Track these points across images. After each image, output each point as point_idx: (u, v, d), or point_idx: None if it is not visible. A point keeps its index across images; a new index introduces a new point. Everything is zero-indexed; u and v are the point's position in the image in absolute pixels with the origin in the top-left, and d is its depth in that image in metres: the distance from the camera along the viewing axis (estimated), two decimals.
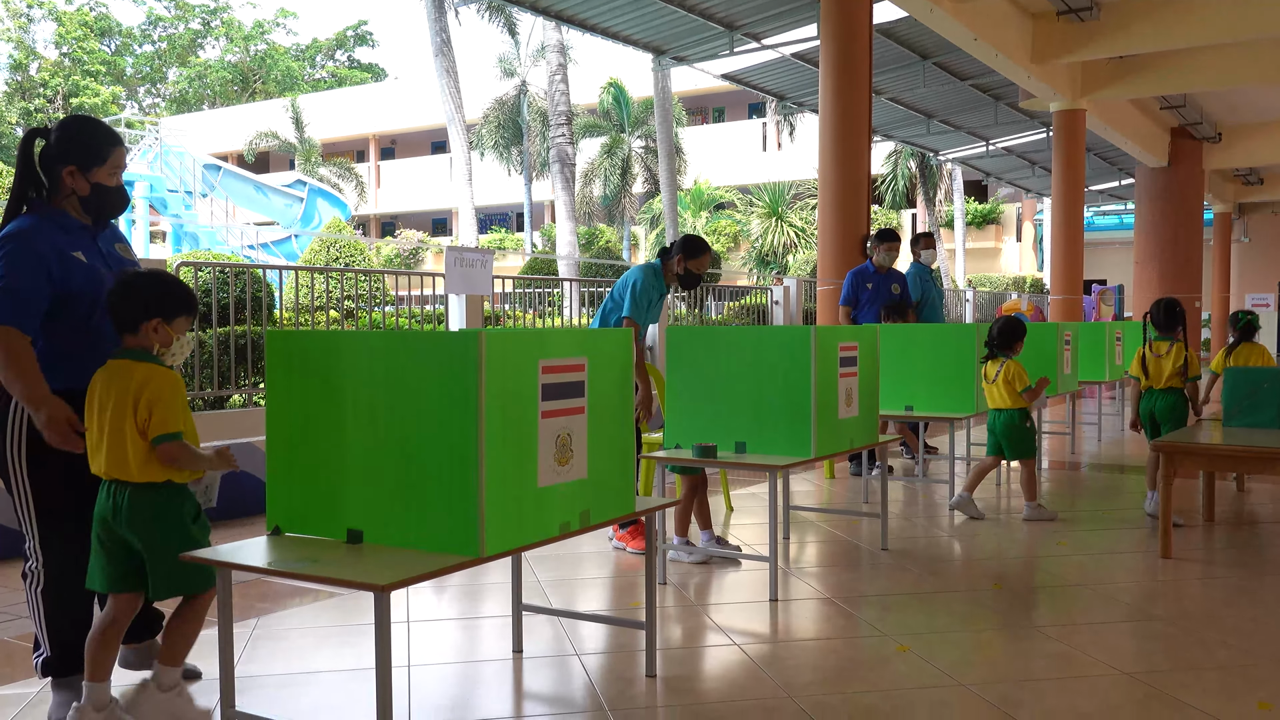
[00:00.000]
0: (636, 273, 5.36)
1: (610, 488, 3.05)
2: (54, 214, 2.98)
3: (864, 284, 7.74)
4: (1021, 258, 34.51)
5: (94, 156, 2.97)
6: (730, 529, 5.76)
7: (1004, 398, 5.93)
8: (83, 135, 2.98)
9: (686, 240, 5.39)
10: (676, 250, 5.37)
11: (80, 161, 2.96)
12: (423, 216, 40.66)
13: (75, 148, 2.96)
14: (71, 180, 2.97)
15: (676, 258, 5.35)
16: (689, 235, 5.45)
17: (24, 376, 2.83)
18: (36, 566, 3.05)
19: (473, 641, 3.80)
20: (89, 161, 2.97)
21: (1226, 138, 19.55)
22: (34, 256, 2.86)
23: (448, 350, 2.56)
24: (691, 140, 32.81)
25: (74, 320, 2.95)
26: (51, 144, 2.98)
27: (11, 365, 2.82)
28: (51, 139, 2.99)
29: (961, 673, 3.41)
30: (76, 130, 2.99)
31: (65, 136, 2.97)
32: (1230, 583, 4.59)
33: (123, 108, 48.59)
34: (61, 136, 2.98)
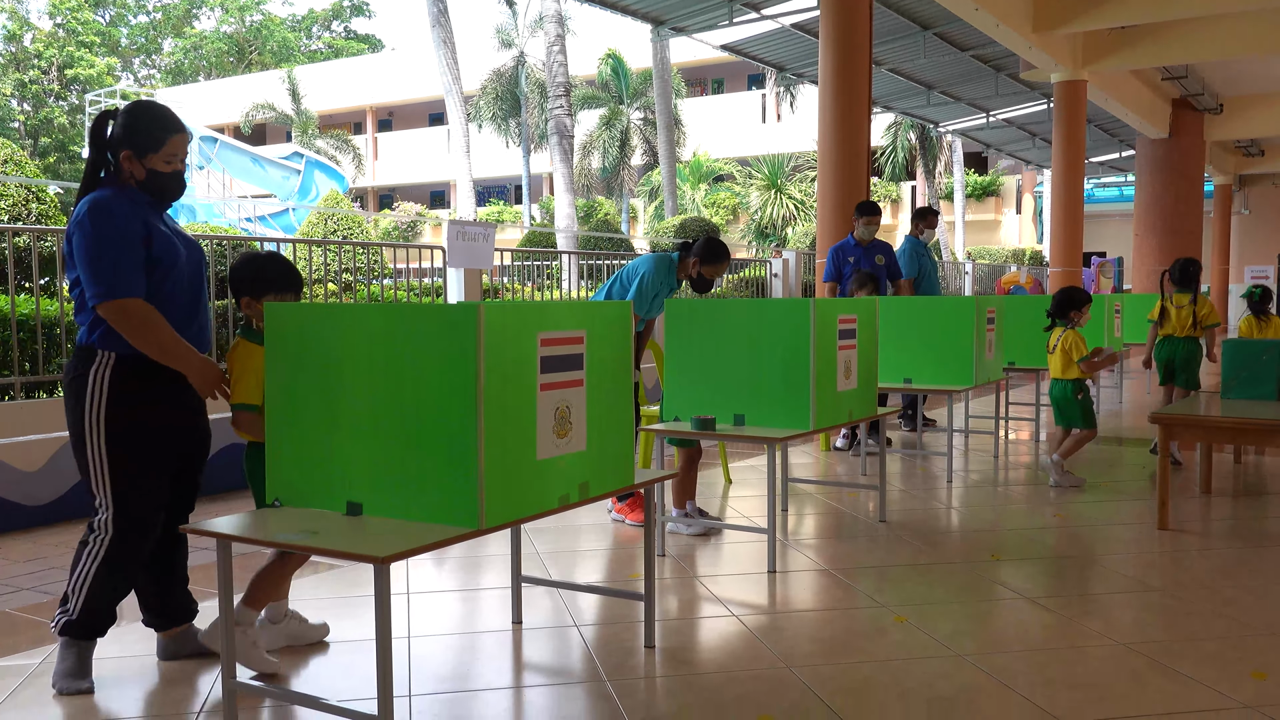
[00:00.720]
0: (649, 264, 5.25)
1: (609, 460, 3.05)
2: (126, 187, 3.06)
3: (845, 259, 7.69)
4: (1021, 230, 34.44)
5: (150, 143, 3.05)
6: (729, 501, 5.78)
7: (1059, 367, 5.98)
8: (141, 122, 3.06)
9: (707, 244, 5.20)
10: (695, 251, 5.20)
11: (136, 147, 3.04)
12: (420, 189, 40.51)
13: (133, 133, 3.04)
14: (128, 165, 3.05)
15: (693, 259, 5.19)
16: (711, 240, 5.25)
17: (162, 339, 2.96)
18: (103, 539, 3.06)
19: (472, 613, 3.82)
20: (145, 147, 3.04)
21: (1228, 109, 19.46)
22: (120, 221, 2.95)
23: (447, 323, 2.56)
24: (690, 112, 32.64)
25: (150, 287, 3.01)
26: (115, 128, 3.07)
27: (148, 332, 2.94)
28: (115, 123, 3.07)
29: (958, 643, 3.43)
30: (136, 116, 3.06)
31: (125, 122, 3.05)
32: (1227, 554, 4.61)
33: (118, 79, 48.28)
34: (122, 122, 3.06)
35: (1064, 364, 5.97)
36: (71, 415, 3.04)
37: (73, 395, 3.03)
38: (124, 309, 2.91)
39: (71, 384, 3.03)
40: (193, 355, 3.02)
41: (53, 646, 3.42)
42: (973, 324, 6.25)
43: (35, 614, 3.81)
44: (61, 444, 5.42)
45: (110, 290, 2.89)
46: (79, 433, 3.03)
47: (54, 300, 6.38)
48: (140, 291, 2.94)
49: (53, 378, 6.14)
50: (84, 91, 43.51)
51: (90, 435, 3.01)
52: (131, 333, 2.93)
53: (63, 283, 6.55)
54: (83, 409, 3.01)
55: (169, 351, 2.98)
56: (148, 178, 3.06)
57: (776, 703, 2.95)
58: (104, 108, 3.15)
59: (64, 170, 44.74)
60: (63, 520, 5.39)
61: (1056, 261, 14.91)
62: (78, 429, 3.03)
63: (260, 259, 3.31)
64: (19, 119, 46.36)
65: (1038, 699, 2.96)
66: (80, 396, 3.00)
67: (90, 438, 3.01)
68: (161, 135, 3.06)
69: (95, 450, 3.02)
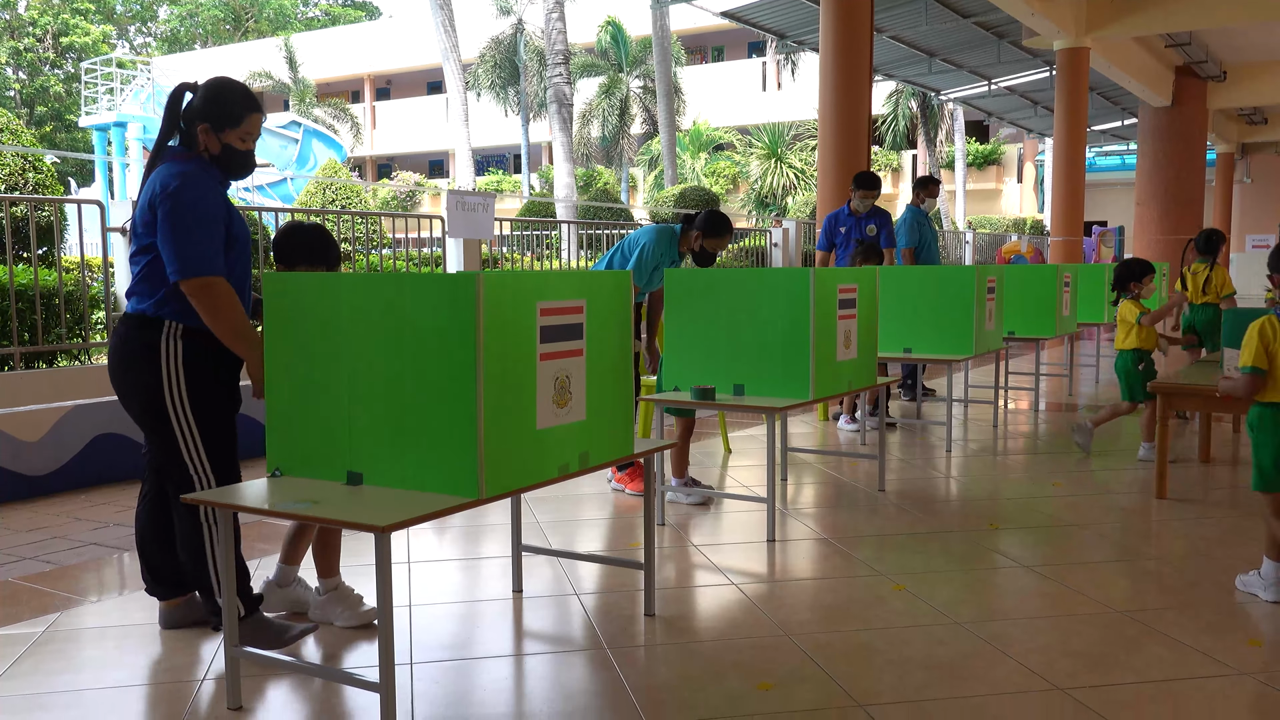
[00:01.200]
0: (650, 235, 5.23)
1: (609, 429, 3.06)
2: (201, 161, 3.08)
3: (838, 227, 7.62)
4: (1022, 199, 34.31)
5: (228, 118, 3.08)
6: (728, 471, 5.79)
7: (1119, 338, 5.99)
8: (222, 96, 3.09)
9: (710, 216, 5.19)
10: (698, 224, 5.19)
11: (215, 121, 3.07)
12: (419, 158, 40.32)
13: (214, 106, 3.07)
14: (205, 137, 3.08)
15: (696, 233, 5.19)
16: (714, 213, 5.24)
17: (235, 322, 2.99)
18: (212, 519, 3.04)
19: (473, 582, 3.84)
20: (223, 122, 3.08)
21: (1231, 76, 19.34)
22: (211, 197, 2.99)
23: (446, 292, 2.55)
24: (690, 80, 32.41)
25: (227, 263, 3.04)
26: (195, 100, 3.09)
27: (227, 313, 2.97)
28: (196, 95, 3.09)
29: (956, 611, 3.45)
30: (219, 90, 3.10)
31: (207, 95, 3.09)
32: (1224, 522, 4.63)
33: (113, 47, 47.90)
34: (203, 94, 3.09)
35: (1123, 334, 5.97)
36: (142, 386, 3.01)
37: (142, 366, 3.00)
38: (209, 287, 2.93)
39: (138, 355, 3.00)
40: (259, 345, 3.01)
41: (56, 614, 3.44)
42: (973, 293, 6.24)
43: (38, 583, 3.83)
44: (61, 414, 5.42)
45: (198, 267, 2.91)
46: (157, 405, 3.00)
47: (52, 270, 6.36)
48: (223, 271, 2.96)
49: (51, 348, 6.14)
50: (79, 59, 43.18)
51: (175, 406, 3.00)
52: (211, 311, 2.94)
53: (61, 252, 6.53)
54: (160, 380, 2.99)
55: (242, 336, 3.00)
56: (222, 152, 3.09)
57: (775, 670, 2.97)
58: (100, 76, 3.14)
59: (60, 139, 44.50)
60: (63, 490, 5.41)
61: (1057, 231, 14.88)
62: (155, 402, 3.00)
63: (293, 228, 3.37)
64: (14, 87, 46.05)
65: (1035, 666, 2.98)
66: (154, 367, 2.99)
67: (175, 408, 3.00)
68: (241, 112, 3.09)
69: (182, 420, 3.01)
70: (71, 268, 6.73)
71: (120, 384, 3.08)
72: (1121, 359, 5.99)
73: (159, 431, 3.04)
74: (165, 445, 3.05)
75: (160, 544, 3.25)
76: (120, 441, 5.62)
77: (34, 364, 6.19)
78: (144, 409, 3.04)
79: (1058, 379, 9.76)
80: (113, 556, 4.23)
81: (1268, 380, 3.48)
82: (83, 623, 3.39)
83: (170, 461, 3.06)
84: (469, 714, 2.70)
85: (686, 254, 5.33)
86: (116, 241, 6.26)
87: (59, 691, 2.84)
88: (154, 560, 3.27)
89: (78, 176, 34.82)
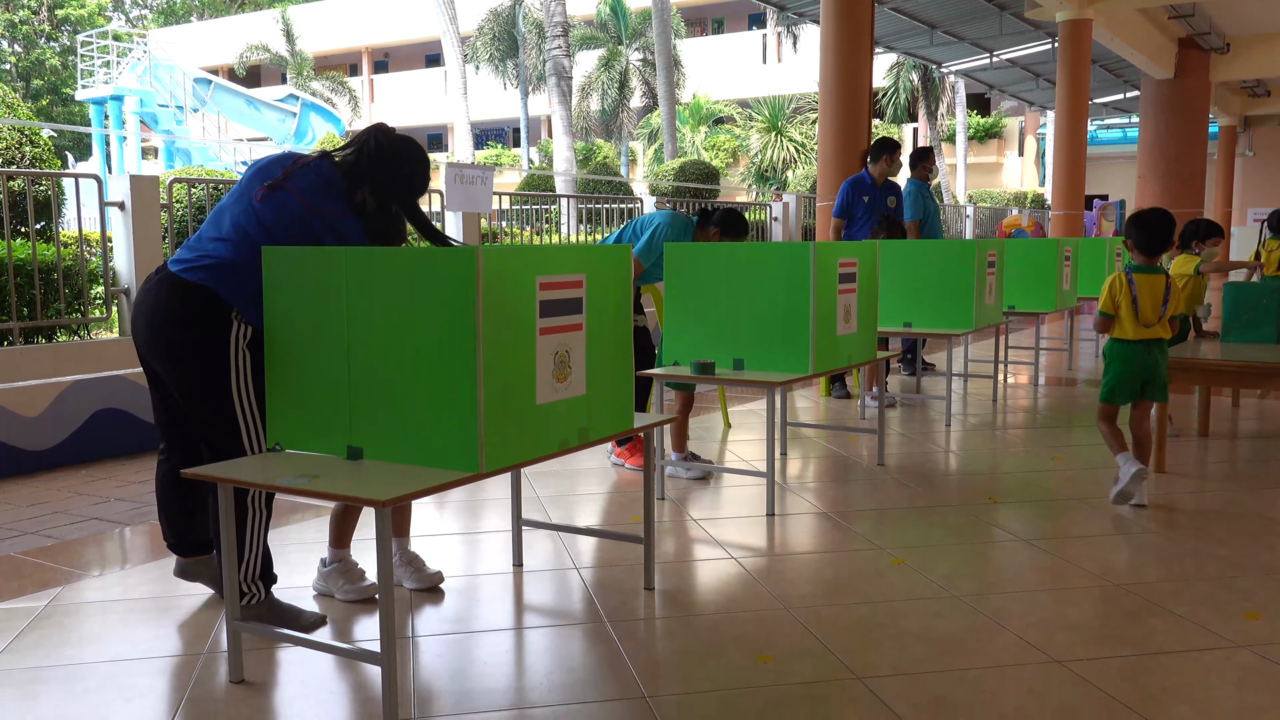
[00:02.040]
0: (665, 220, 5.13)
1: (609, 404, 3.06)
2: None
3: (860, 196, 7.41)
4: (1023, 173, 34.19)
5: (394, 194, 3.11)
6: (728, 446, 5.80)
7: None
8: (398, 177, 3.10)
9: (728, 215, 5.08)
10: (716, 222, 5.08)
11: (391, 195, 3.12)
12: (418, 132, 40.07)
13: (390, 185, 3.08)
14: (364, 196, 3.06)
15: (714, 230, 5.07)
16: (732, 211, 5.13)
17: None
18: (259, 503, 3.01)
19: (473, 556, 3.85)
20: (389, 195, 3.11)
21: (1234, 49, 19.23)
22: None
23: (445, 267, 2.54)
24: (690, 53, 32.21)
25: None
26: (382, 165, 3.05)
27: None
28: (387, 158, 3.06)
29: (955, 584, 3.46)
30: (401, 174, 3.09)
31: (387, 176, 3.08)
32: (1222, 496, 4.64)
33: (109, 20, 47.55)
34: (385, 168, 3.07)
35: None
36: (200, 360, 2.92)
37: (205, 340, 2.92)
38: None
39: (203, 328, 2.92)
40: None
41: (58, 588, 3.46)
42: (973, 267, 6.23)
43: (40, 558, 3.84)
44: (61, 389, 5.42)
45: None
46: (220, 383, 2.92)
47: (50, 245, 6.35)
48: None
49: (50, 323, 6.14)
50: (75, 32, 42.89)
51: (239, 386, 2.95)
52: None
53: (59, 226, 6.51)
54: (227, 360, 2.93)
55: None
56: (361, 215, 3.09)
57: (774, 643, 2.98)
58: (96, 49, 3.09)
59: (57, 113, 44.24)
60: (64, 465, 5.42)
61: (1058, 204, 14.83)
62: (219, 378, 2.92)
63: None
64: (10, 61, 45.76)
65: (1033, 639, 3.00)
66: (221, 343, 2.92)
67: (240, 388, 2.95)
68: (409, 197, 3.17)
69: (245, 400, 2.96)
70: (70, 242, 6.71)
71: (176, 356, 2.95)
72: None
73: (216, 411, 2.96)
74: (222, 424, 2.96)
75: (185, 512, 3.24)
76: (120, 416, 5.63)
77: (33, 339, 6.19)
78: (203, 386, 2.94)
79: (1057, 353, 9.76)
80: (114, 531, 4.24)
81: (1114, 322, 4.53)
82: (85, 597, 3.40)
83: (219, 440, 2.97)
84: (470, 687, 2.72)
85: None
86: (114, 215, 6.24)
87: (62, 665, 2.86)
88: (178, 525, 3.26)
89: (75, 150, 34.64)
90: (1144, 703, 2.60)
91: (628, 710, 2.58)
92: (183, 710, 2.60)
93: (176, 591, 3.39)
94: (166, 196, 6.63)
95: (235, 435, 2.99)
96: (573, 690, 2.70)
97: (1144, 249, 4.50)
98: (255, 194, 2.94)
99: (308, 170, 2.97)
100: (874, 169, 7.44)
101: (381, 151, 3.02)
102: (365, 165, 3.01)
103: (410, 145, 3.10)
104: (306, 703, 2.64)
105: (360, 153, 3.02)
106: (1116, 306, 4.49)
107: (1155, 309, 4.44)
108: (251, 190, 2.96)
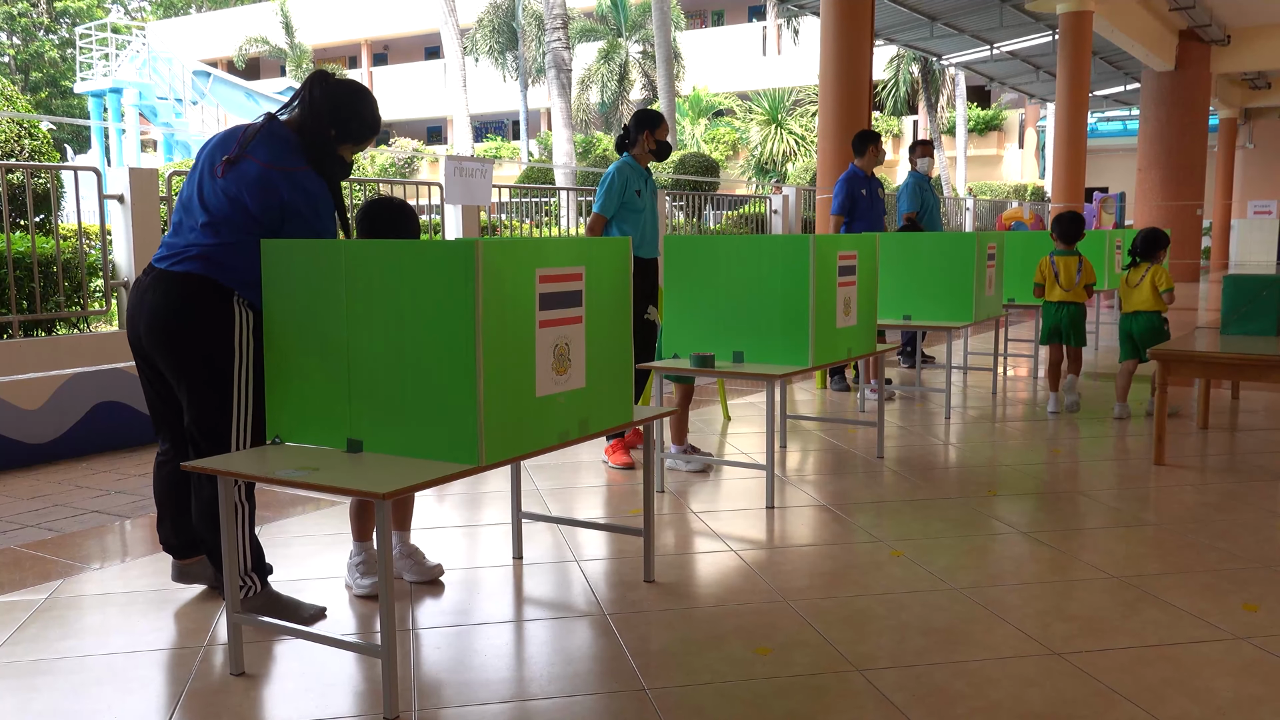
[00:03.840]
0: (614, 169, 5.30)
1: (608, 397, 3.06)
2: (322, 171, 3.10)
3: (859, 190, 7.42)
4: (1023, 165, 34.15)
5: (356, 137, 3.13)
6: (728, 438, 5.80)
7: (1148, 300, 6.13)
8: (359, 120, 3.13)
9: (643, 117, 5.32)
10: (637, 129, 5.30)
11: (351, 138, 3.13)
12: (417, 125, 40.05)
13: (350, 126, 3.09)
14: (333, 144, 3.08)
15: (642, 135, 5.29)
16: (640, 111, 5.40)
17: None
18: (241, 495, 3.00)
19: (473, 548, 3.86)
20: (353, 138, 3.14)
21: (1235, 40, 19.18)
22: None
23: (445, 259, 2.54)
24: (690, 45, 32.15)
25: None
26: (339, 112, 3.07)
27: None
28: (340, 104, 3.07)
29: (954, 576, 3.47)
30: (357, 117, 3.11)
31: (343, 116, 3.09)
32: (1221, 488, 4.64)
33: (107, 12, 47.41)
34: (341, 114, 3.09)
35: (1154, 297, 6.13)
36: (208, 349, 2.92)
37: (212, 328, 2.92)
38: None
39: (209, 316, 2.92)
40: None
41: (58, 581, 3.46)
42: (973, 260, 6.23)
43: (40, 550, 3.84)
44: (61, 382, 5.43)
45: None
46: (223, 367, 2.93)
47: (49, 238, 6.34)
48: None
49: (50, 316, 6.13)
50: (74, 24, 42.78)
51: (241, 371, 2.96)
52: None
53: (58, 219, 6.51)
54: (231, 347, 2.94)
55: None
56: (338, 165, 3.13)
57: (774, 635, 2.99)
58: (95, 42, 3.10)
59: (56, 106, 44.16)
60: (64, 458, 5.42)
61: (1058, 197, 14.81)
62: (222, 363, 2.93)
63: (375, 204, 3.39)
64: (9, 53, 45.66)
65: (1031, 631, 3.00)
66: (227, 329, 2.93)
67: (240, 374, 2.96)
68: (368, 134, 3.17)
69: (243, 387, 2.97)
70: (69, 235, 6.71)
71: (177, 345, 2.95)
72: (1148, 319, 6.14)
73: (213, 396, 2.96)
74: (217, 411, 2.96)
75: (180, 506, 3.23)
76: (120, 409, 5.63)
77: (33, 332, 6.19)
78: (203, 373, 2.94)
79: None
80: (115, 524, 4.25)
81: (1045, 290, 6.53)
82: (85, 589, 3.40)
83: (211, 427, 2.97)
84: (470, 679, 2.73)
85: (648, 168, 5.41)
86: (114, 208, 6.23)
87: (62, 658, 2.86)
88: (178, 519, 3.25)
89: (74, 143, 34.61)
90: (1142, 694, 2.60)
91: (627, 702, 2.59)
92: (183, 703, 2.60)
93: (176, 585, 3.39)
94: (166, 189, 6.63)
95: (225, 420, 2.99)
96: (572, 682, 2.70)
97: (1063, 239, 6.55)
98: (216, 172, 2.95)
99: (261, 135, 2.98)
100: (862, 162, 7.41)
101: (330, 98, 3.03)
102: (318, 113, 3.02)
103: (355, 84, 3.12)
104: (307, 695, 2.64)
105: (307, 104, 3.02)
106: (1044, 278, 6.52)
107: (1069, 280, 6.43)
108: (212, 170, 2.96)
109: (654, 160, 5.40)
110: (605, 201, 5.23)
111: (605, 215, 5.26)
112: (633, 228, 5.28)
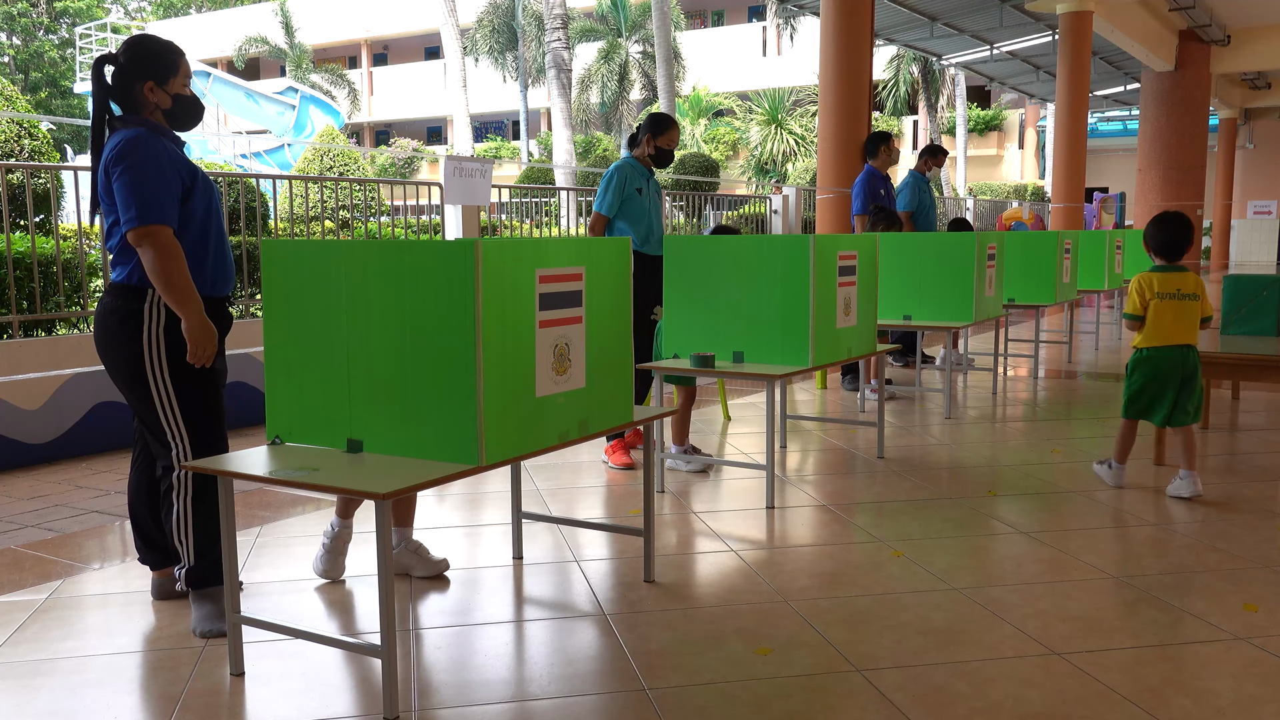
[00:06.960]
0: (614, 168, 5.36)
1: (608, 397, 3.06)
2: (152, 124, 3.04)
3: (879, 190, 7.59)
4: (1023, 165, 34.14)
5: (168, 68, 3.06)
6: (728, 438, 5.80)
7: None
8: (153, 49, 3.07)
9: (651, 119, 5.40)
10: (643, 131, 5.39)
11: (157, 75, 3.05)
12: (417, 124, 40.06)
13: (152, 64, 3.05)
14: (152, 95, 3.05)
15: (645, 138, 5.37)
16: (652, 114, 5.48)
17: (172, 275, 2.91)
18: (184, 475, 3.05)
19: (473, 548, 3.86)
20: (165, 74, 3.06)
21: (1235, 41, 19.18)
22: (159, 156, 2.94)
23: (445, 260, 2.54)
24: (690, 45, 32.15)
25: (193, 228, 3.03)
26: (124, 64, 3.05)
27: (166, 263, 2.90)
28: (122, 60, 3.06)
29: (954, 576, 3.47)
30: (146, 46, 3.07)
31: (137, 54, 3.05)
32: (1222, 488, 4.64)
33: (107, 12, 47.42)
34: (135, 55, 3.05)
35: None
36: (124, 354, 3.00)
37: (123, 334, 2.99)
38: (152, 235, 2.88)
39: (120, 324, 2.99)
40: (196, 305, 2.95)
41: (58, 581, 3.46)
42: (973, 260, 6.23)
43: (40, 550, 3.84)
44: (61, 382, 5.43)
45: (143, 216, 2.87)
46: (137, 371, 3.00)
47: (49, 238, 6.34)
48: (173, 223, 2.93)
49: (50, 316, 6.13)
50: (73, 24, 42.80)
51: (154, 371, 3.00)
52: (152, 261, 2.89)
53: (58, 219, 6.50)
54: (140, 346, 2.99)
55: (178, 291, 2.92)
56: (174, 103, 3.07)
57: (774, 635, 2.99)
58: (94, 42, 3.12)
59: (56, 106, 44.17)
60: (64, 458, 5.42)
61: (1058, 197, 14.81)
62: (135, 368, 3.00)
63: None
64: (9, 53, 45.66)
65: (1031, 631, 3.00)
66: (135, 334, 2.98)
67: (154, 374, 3.00)
68: (175, 59, 3.08)
69: (160, 386, 3.01)
70: (69, 235, 6.71)
71: (105, 353, 3.07)
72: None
73: (141, 399, 3.04)
74: (146, 412, 3.05)
75: (150, 512, 3.25)
76: (120, 409, 5.63)
77: (33, 332, 6.19)
78: (128, 377, 3.03)
79: (1057, 346, 9.76)
80: (114, 524, 4.25)
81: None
82: (85, 590, 3.41)
83: (150, 428, 3.07)
84: (470, 679, 2.73)
85: (650, 164, 5.46)
86: None
87: (62, 658, 2.86)
88: (145, 527, 3.27)
89: (74, 143, 34.59)
90: (1142, 694, 2.60)
91: (628, 702, 2.59)
92: (183, 703, 2.60)
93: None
94: None
95: (155, 420, 3.04)
96: (573, 682, 2.70)
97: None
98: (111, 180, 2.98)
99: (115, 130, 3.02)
100: (877, 162, 7.61)
101: (134, 59, 3.04)
102: (129, 73, 3.04)
103: (155, 37, 3.14)
104: (307, 695, 2.64)
105: (120, 71, 3.05)
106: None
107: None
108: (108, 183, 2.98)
109: (656, 164, 5.46)
110: (605, 200, 5.26)
111: (605, 214, 5.28)
112: (637, 225, 5.29)
